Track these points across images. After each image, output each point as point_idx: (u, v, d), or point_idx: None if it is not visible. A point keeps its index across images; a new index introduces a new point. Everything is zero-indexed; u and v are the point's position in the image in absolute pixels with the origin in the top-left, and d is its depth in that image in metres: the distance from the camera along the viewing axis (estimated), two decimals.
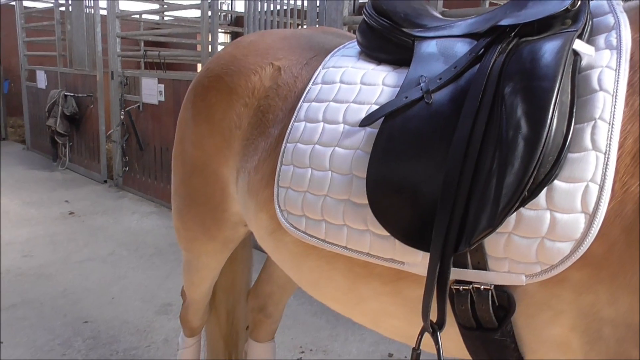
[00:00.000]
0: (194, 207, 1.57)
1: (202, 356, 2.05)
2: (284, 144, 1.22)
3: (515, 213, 0.90)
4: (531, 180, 0.87)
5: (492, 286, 0.94)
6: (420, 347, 1.05)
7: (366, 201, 1.04)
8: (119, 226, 4.56)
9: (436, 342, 0.96)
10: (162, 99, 4.98)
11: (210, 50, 4.49)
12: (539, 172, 0.87)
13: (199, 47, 6.55)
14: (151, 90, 5.07)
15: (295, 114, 1.24)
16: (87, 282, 3.40)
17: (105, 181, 6.02)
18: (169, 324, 2.89)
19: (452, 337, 1.04)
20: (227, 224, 1.53)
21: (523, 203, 0.89)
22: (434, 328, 0.97)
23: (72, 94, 6.19)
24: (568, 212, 0.87)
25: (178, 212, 1.64)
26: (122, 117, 5.42)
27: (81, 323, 2.86)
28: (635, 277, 0.81)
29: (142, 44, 6.83)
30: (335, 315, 3.08)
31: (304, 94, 1.25)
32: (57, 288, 3.29)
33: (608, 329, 0.84)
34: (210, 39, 4.52)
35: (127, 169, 5.59)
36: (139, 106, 5.25)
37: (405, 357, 2.66)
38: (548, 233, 0.88)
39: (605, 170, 0.86)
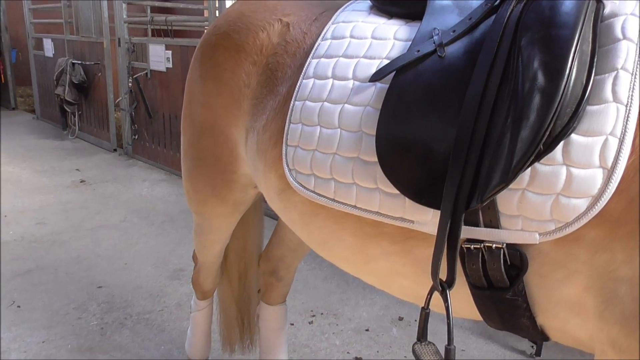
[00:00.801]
0: (204, 168, 1.56)
1: (215, 319, 2.08)
2: (292, 102, 1.19)
3: (529, 168, 0.87)
4: (547, 133, 0.84)
5: (504, 245, 0.92)
6: (430, 307, 1.04)
7: (376, 159, 1.02)
8: (129, 194, 4.59)
9: (445, 301, 0.95)
10: (170, 65, 4.93)
11: (217, 15, 4.42)
12: (555, 125, 0.84)
13: (206, 13, 6.45)
14: (159, 57, 5.02)
15: (303, 71, 1.21)
16: (100, 248, 3.44)
17: (115, 150, 6.03)
18: (182, 288, 2.93)
19: (462, 298, 1.03)
20: (237, 186, 1.52)
21: (538, 158, 0.86)
22: (444, 286, 0.96)
23: (79, 62, 6.15)
24: (585, 167, 0.84)
25: (188, 175, 1.63)
26: (130, 84, 5.39)
27: (95, 288, 2.91)
28: None
29: (149, 10, 6.73)
30: (345, 280, 3.10)
31: (313, 50, 1.22)
32: (71, 254, 3.34)
33: (624, 288, 0.82)
34: (217, 5, 4.43)
35: (136, 137, 5.59)
36: (146, 73, 5.21)
37: (416, 320, 2.68)
38: (563, 189, 0.86)
39: (626, 123, 0.82)
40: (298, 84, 1.20)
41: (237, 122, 1.40)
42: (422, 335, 1.04)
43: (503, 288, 0.95)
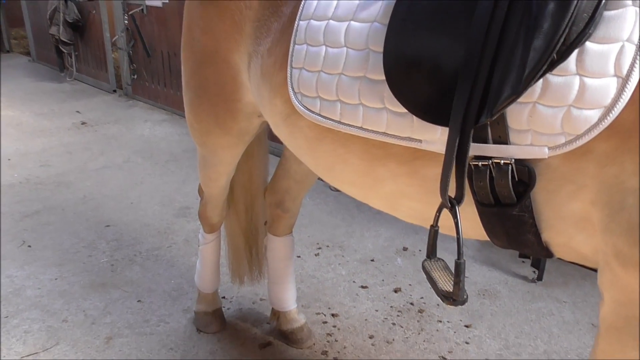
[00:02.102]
0: (206, 98, 1.53)
1: (223, 252, 2.11)
2: (296, 22, 1.15)
3: (541, 80, 0.85)
4: (561, 41, 0.80)
5: (513, 160, 0.91)
6: (438, 225, 1.05)
7: (383, 77, 1.00)
8: (131, 134, 4.57)
9: (455, 217, 0.95)
10: (167, 0, 4.77)
11: None
12: (570, 32, 0.80)
13: None
14: None
15: None
16: (105, 188, 3.46)
17: (115, 90, 5.96)
18: (189, 225, 2.96)
19: (468, 217, 1.03)
20: (241, 115, 1.50)
21: (551, 67, 0.83)
22: (453, 203, 0.95)
23: None
24: (599, 76, 0.81)
25: (190, 105, 1.61)
26: (126, 22, 5.23)
27: (103, 227, 2.95)
28: None
29: None
30: (350, 214, 3.13)
31: None
32: (77, 195, 3.36)
33: (632, 199, 0.81)
34: None
35: (135, 77, 5.50)
36: (142, 9, 5.05)
37: (420, 250, 2.72)
38: (576, 100, 0.83)
39: None
40: (302, 2, 1.15)
41: (239, 48, 1.36)
42: (431, 252, 1.05)
43: (510, 204, 0.95)
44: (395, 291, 2.38)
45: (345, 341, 2.05)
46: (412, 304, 2.30)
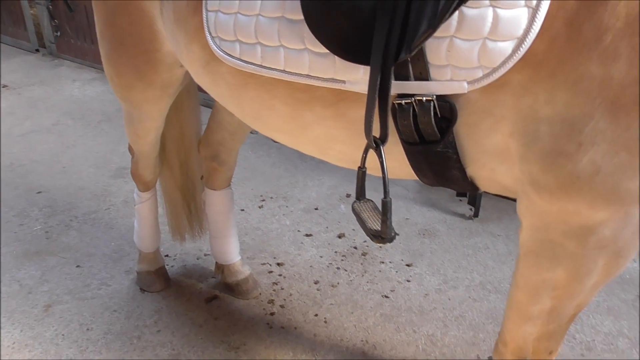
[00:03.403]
0: (124, 50, 1.44)
1: (162, 210, 2.06)
2: None
3: (457, 13, 0.85)
4: None
5: (434, 97, 0.92)
6: (365, 166, 1.05)
7: (301, 16, 0.96)
8: (59, 96, 4.31)
9: (380, 156, 0.96)
10: None
11: None
12: None
13: None
14: None
15: None
16: (34, 154, 3.28)
17: (37, 50, 5.55)
18: (127, 186, 2.87)
19: (396, 157, 1.04)
20: (162, 66, 1.43)
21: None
22: (377, 143, 0.95)
23: None
24: (511, 7, 0.82)
25: (108, 59, 1.52)
26: None
27: (34, 194, 2.80)
28: (573, 73, 0.80)
29: None
30: (293, 165, 3.12)
31: None
32: (3, 162, 3.16)
33: (545, 127, 0.84)
34: None
35: (58, 34, 5.13)
36: None
37: None
38: (490, 33, 0.84)
39: None
40: None
41: None
42: (360, 194, 1.06)
43: (434, 141, 0.96)
44: (339, 237, 2.42)
45: (291, 288, 2.08)
46: (355, 248, 2.35)
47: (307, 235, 2.44)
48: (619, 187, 0.79)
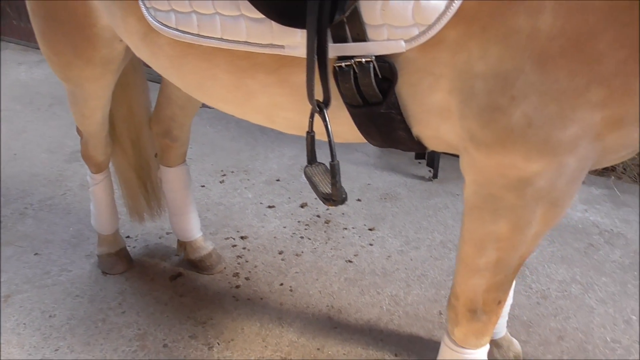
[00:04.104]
0: (59, 26, 1.38)
1: (119, 191, 2.03)
2: None
3: None
4: None
5: (373, 57, 0.91)
6: (314, 131, 1.05)
7: None
8: (6, 80, 4.13)
9: (324, 120, 0.95)
10: None
11: None
12: None
13: None
14: None
15: None
16: None
17: None
18: (83, 169, 2.76)
19: (343, 121, 1.04)
20: (100, 42, 1.38)
21: None
22: (321, 107, 0.95)
23: None
24: None
25: (42, 36, 1.45)
26: None
27: None
28: (503, 26, 0.80)
29: None
30: (254, 137, 3.09)
31: None
32: None
33: (479, 83, 0.85)
34: None
35: None
36: None
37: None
38: None
39: None
40: None
41: None
42: (311, 158, 1.06)
43: (377, 103, 0.96)
44: (302, 206, 2.43)
45: (256, 260, 2.09)
46: (318, 216, 2.36)
47: (269, 207, 2.44)
48: (551, 138, 0.81)
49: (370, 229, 2.27)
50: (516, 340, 1.57)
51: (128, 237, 2.22)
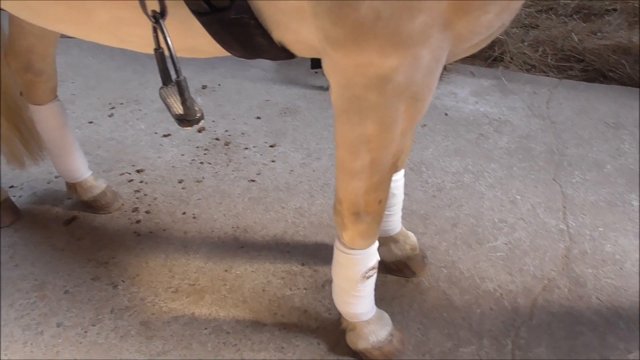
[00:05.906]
0: None
1: None
2: None
3: None
4: None
5: None
6: (162, 47, 0.97)
7: None
8: None
9: (162, 32, 0.87)
10: None
11: None
12: None
13: None
14: None
15: None
16: None
17: None
18: None
19: (198, 33, 0.96)
20: None
21: None
22: (157, 17, 0.86)
23: None
24: None
25: None
26: None
27: None
28: None
29: None
30: (142, 64, 2.89)
31: None
32: None
33: None
34: None
35: None
36: None
37: (219, 85, 2.65)
38: None
39: None
40: None
41: None
42: (164, 78, 0.98)
43: (225, 8, 0.89)
44: (200, 131, 2.34)
45: (155, 192, 2.01)
46: (217, 139, 2.29)
47: (165, 135, 2.33)
48: (401, 30, 0.79)
49: (271, 146, 2.23)
50: (412, 234, 1.64)
51: (12, 186, 2.06)
